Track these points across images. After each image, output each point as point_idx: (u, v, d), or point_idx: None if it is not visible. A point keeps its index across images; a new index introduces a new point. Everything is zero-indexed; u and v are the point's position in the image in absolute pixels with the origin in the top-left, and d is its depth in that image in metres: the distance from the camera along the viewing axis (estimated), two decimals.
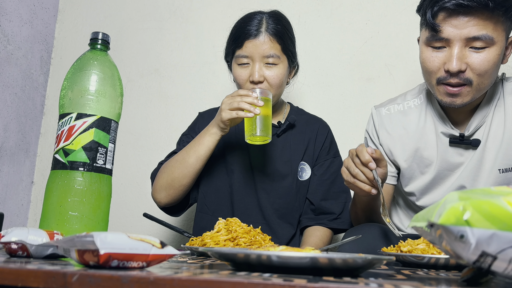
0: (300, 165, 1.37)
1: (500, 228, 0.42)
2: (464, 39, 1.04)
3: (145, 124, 1.97)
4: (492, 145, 1.16)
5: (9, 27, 1.84)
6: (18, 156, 1.92)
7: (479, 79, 1.07)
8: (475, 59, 1.05)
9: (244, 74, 1.29)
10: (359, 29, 1.80)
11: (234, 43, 1.30)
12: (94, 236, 0.49)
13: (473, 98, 1.10)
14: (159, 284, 0.43)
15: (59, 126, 0.85)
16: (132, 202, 1.91)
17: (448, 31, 1.05)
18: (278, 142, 1.37)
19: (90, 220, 0.82)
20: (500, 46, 1.06)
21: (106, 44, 0.89)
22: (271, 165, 1.36)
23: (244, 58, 1.28)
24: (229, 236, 0.95)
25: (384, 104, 1.32)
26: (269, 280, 0.44)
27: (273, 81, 1.28)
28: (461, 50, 1.05)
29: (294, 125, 1.39)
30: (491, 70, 1.07)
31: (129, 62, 2.03)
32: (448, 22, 1.05)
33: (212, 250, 0.60)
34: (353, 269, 0.56)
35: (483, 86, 1.09)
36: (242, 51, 1.28)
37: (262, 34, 1.27)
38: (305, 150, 1.38)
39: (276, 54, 1.27)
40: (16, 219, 1.91)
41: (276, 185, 1.35)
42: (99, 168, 0.84)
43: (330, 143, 1.42)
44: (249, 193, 1.36)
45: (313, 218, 1.35)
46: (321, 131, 1.41)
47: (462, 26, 1.04)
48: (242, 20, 1.32)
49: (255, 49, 1.26)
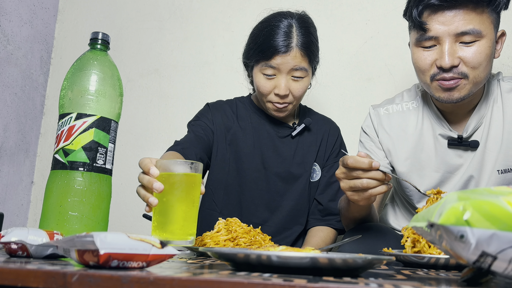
0: (312, 166, 1.37)
1: (500, 228, 0.42)
2: (453, 35, 1.05)
3: (145, 124, 1.97)
4: (492, 146, 1.14)
5: (9, 27, 1.84)
6: (18, 156, 1.92)
7: (474, 72, 1.06)
8: (467, 53, 1.05)
9: (269, 85, 1.25)
10: (359, 29, 1.80)
11: (262, 53, 1.24)
12: (94, 236, 0.49)
13: (470, 92, 1.09)
14: (159, 284, 0.43)
15: (59, 126, 0.85)
16: (132, 202, 1.91)
17: (436, 29, 1.06)
18: (292, 143, 1.36)
19: (90, 220, 0.82)
20: (490, 38, 1.06)
21: (106, 44, 0.89)
22: (284, 166, 1.35)
23: (271, 69, 1.24)
24: (229, 236, 0.95)
25: (382, 104, 1.30)
26: (269, 280, 0.44)
27: (297, 93, 1.26)
28: (451, 45, 1.05)
29: (309, 128, 1.38)
30: (485, 62, 1.06)
31: (129, 62, 2.03)
32: (434, 20, 1.06)
33: (212, 250, 0.60)
34: (353, 269, 0.56)
35: (479, 80, 1.08)
36: (270, 62, 1.23)
37: (293, 50, 1.22)
38: (317, 152, 1.37)
39: (304, 67, 1.25)
40: (16, 219, 1.91)
41: (289, 187, 1.34)
42: (99, 168, 0.84)
43: (340, 145, 1.42)
44: (260, 194, 1.34)
45: (320, 219, 1.34)
46: (332, 132, 1.41)
47: (449, 22, 1.05)
48: (271, 27, 1.25)
49: (284, 63, 1.22)
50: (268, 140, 1.36)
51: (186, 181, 0.78)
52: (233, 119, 1.38)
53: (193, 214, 0.79)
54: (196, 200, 0.80)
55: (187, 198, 0.78)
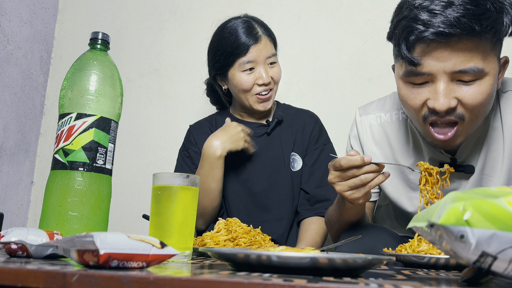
0: (291, 156, 1.41)
1: (500, 228, 0.42)
2: (450, 73, 0.87)
3: (145, 124, 1.97)
4: (489, 172, 1.01)
5: (9, 27, 1.84)
6: (18, 156, 1.92)
7: (473, 114, 0.90)
8: (466, 93, 0.88)
9: (251, 78, 1.33)
10: (359, 29, 1.80)
11: (235, 53, 1.32)
12: (94, 236, 0.49)
13: (468, 135, 0.95)
14: (159, 284, 0.43)
15: (59, 126, 0.85)
16: (132, 202, 1.91)
17: (430, 65, 0.88)
18: (268, 139, 1.42)
19: (90, 220, 0.82)
20: (493, 74, 0.89)
21: (106, 44, 0.89)
22: (263, 163, 1.40)
23: (249, 63, 1.32)
24: (229, 236, 0.95)
25: (372, 110, 1.16)
26: (269, 280, 0.44)
27: (277, 77, 1.37)
28: (447, 85, 0.88)
29: (281, 121, 1.44)
30: (486, 102, 0.90)
31: (129, 62, 2.03)
32: (428, 55, 0.87)
33: (212, 250, 0.60)
34: (353, 269, 0.56)
35: (477, 121, 0.93)
36: (246, 57, 1.32)
37: (262, 38, 1.34)
38: (294, 142, 1.42)
39: (275, 53, 1.37)
40: (16, 219, 1.91)
41: (272, 181, 1.39)
42: (99, 168, 0.84)
43: (318, 132, 1.44)
44: (246, 194, 1.39)
45: (310, 209, 1.37)
46: (308, 121, 1.45)
47: (445, 58, 0.86)
48: (232, 29, 1.35)
49: (259, 53, 1.32)
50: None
51: (182, 194, 0.77)
52: (211, 132, 1.43)
53: (189, 227, 0.78)
54: (193, 213, 0.79)
55: (183, 211, 0.77)
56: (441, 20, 0.83)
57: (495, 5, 0.84)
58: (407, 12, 0.89)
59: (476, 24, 0.82)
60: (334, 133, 1.50)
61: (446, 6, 0.84)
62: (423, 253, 0.81)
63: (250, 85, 1.33)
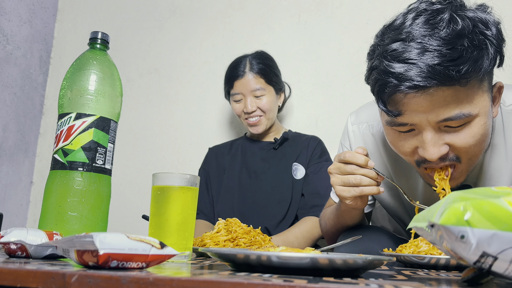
0: (293, 166, 1.54)
1: (501, 229, 0.42)
2: (434, 122, 0.80)
3: (145, 124, 1.97)
4: None
5: (8, 27, 1.84)
6: (17, 156, 1.92)
7: (468, 155, 0.84)
8: (456, 138, 0.81)
9: (239, 107, 1.57)
10: (359, 29, 1.80)
11: (227, 84, 1.59)
12: (93, 237, 0.48)
13: (469, 172, 0.89)
14: (159, 285, 0.43)
15: (58, 126, 0.84)
16: (131, 202, 1.91)
17: (411, 116, 0.80)
18: (275, 153, 1.59)
19: (89, 220, 0.81)
20: (485, 112, 0.81)
21: (105, 44, 0.89)
22: (269, 171, 1.55)
23: (237, 95, 1.56)
24: (229, 236, 0.95)
25: (364, 119, 1.11)
26: (269, 280, 0.43)
27: (264, 107, 1.54)
28: (434, 134, 0.81)
29: (287, 138, 1.61)
30: (480, 141, 0.83)
31: (129, 62, 2.02)
32: (407, 106, 0.80)
33: (211, 250, 0.59)
34: (353, 270, 0.55)
35: (476, 159, 0.86)
36: (234, 90, 1.56)
37: (247, 74, 1.53)
38: (298, 155, 1.56)
39: (261, 87, 1.53)
40: (15, 219, 1.91)
41: (275, 186, 1.52)
42: (99, 168, 0.84)
43: (321, 150, 1.57)
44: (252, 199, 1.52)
45: (307, 211, 1.48)
46: (312, 141, 1.59)
47: (426, 109, 0.78)
48: (231, 65, 1.60)
49: (243, 86, 1.54)
50: (252, 157, 1.61)
51: (182, 194, 0.77)
52: (226, 152, 1.66)
53: (189, 228, 0.78)
54: (192, 214, 0.79)
55: (183, 211, 0.77)
56: (415, 72, 0.75)
57: (474, 42, 0.76)
58: (378, 62, 0.82)
59: (453, 71, 0.74)
60: (334, 133, 1.50)
61: (420, 53, 0.76)
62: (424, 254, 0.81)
63: (239, 112, 1.57)
